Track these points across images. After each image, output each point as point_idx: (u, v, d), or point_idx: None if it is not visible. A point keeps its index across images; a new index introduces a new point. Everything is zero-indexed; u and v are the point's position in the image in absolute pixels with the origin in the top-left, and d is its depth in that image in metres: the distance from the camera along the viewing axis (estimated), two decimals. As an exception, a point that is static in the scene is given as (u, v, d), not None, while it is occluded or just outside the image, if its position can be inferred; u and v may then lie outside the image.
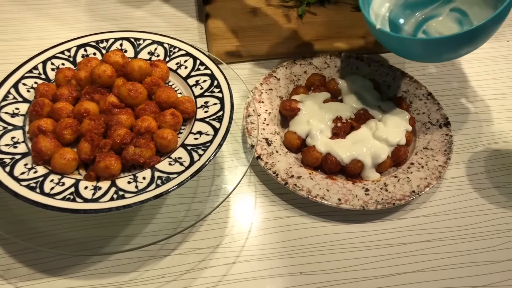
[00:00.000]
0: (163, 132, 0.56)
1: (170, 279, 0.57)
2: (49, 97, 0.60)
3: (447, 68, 0.85)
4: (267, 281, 0.57)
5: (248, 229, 0.62)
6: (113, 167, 0.53)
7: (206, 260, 0.59)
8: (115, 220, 0.61)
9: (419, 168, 0.66)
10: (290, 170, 0.64)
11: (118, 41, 0.68)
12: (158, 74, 0.63)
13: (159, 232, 0.60)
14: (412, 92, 0.76)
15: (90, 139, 0.55)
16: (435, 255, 0.61)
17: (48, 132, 0.56)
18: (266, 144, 0.67)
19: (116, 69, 0.62)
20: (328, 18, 0.89)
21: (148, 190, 0.52)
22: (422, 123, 0.72)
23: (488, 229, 0.64)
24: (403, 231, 0.63)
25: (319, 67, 0.79)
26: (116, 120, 0.57)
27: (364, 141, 0.67)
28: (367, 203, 0.62)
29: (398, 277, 0.58)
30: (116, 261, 0.58)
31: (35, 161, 0.55)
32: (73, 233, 0.59)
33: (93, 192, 0.52)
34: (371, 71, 0.79)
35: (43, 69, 0.64)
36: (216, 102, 0.61)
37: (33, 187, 0.52)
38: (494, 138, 0.75)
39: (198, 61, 0.66)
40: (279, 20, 0.88)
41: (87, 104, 0.58)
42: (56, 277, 0.56)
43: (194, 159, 0.55)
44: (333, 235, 0.62)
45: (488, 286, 0.58)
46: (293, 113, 0.70)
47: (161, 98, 0.60)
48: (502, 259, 0.61)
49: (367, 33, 0.86)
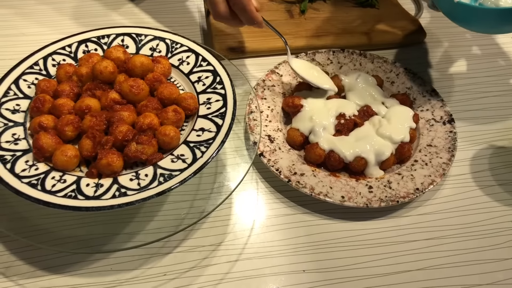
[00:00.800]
0: (165, 128, 0.56)
1: (172, 277, 0.56)
2: (50, 93, 0.60)
3: (451, 64, 0.84)
4: (270, 279, 0.57)
5: (250, 226, 0.62)
6: (115, 164, 0.53)
7: (208, 258, 0.58)
8: (117, 217, 0.60)
9: (423, 166, 0.66)
10: (293, 167, 0.64)
11: (119, 36, 0.67)
12: (160, 70, 0.62)
13: (161, 229, 0.59)
14: (416, 88, 0.75)
15: (92, 136, 0.54)
16: (439, 253, 0.60)
17: (49, 128, 0.56)
18: (268, 141, 0.67)
19: (117, 65, 0.62)
20: (331, 14, 0.88)
21: (151, 187, 0.52)
22: (426, 120, 0.72)
23: (492, 227, 0.63)
24: (406, 229, 0.62)
25: (322, 63, 0.78)
26: (118, 116, 0.56)
27: (367, 138, 0.66)
28: (370, 201, 0.61)
29: (402, 275, 0.58)
30: (118, 259, 0.57)
31: (36, 158, 0.54)
32: (74, 231, 0.59)
33: (95, 189, 0.52)
34: (375, 68, 0.78)
35: (44, 65, 0.63)
36: (219, 98, 0.60)
37: (34, 184, 0.51)
38: (498, 135, 0.74)
39: (201, 57, 0.65)
40: (281, 16, 0.88)
41: (88, 101, 0.58)
42: (57, 275, 0.56)
43: (197, 156, 0.55)
44: (337, 233, 0.61)
45: (492, 284, 0.58)
46: (296, 110, 0.70)
47: (163, 94, 0.59)
48: (506, 257, 0.61)
49: (370, 29, 0.86)
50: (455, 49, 0.88)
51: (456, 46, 0.88)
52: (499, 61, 0.86)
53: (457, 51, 0.87)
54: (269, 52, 0.82)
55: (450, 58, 0.85)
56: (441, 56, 0.86)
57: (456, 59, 0.85)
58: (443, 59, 0.85)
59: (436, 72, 0.83)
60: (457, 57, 0.86)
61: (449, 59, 0.85)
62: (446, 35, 0.90)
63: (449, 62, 0.85)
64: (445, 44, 0.88)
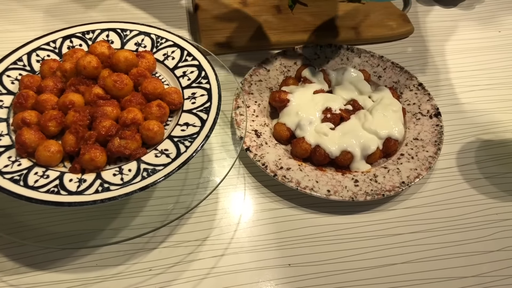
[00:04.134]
0: (149, 123, 0.56)
1: (158, 272, 0.56)
2: (33, 89, 0.59)
3: (438, 58, 0.85)
4: (256, 273, 0.57)
5: (237, 221, 0.61)
6: (98, 159, 0.52)
7: (194, 253, 0.58)
8: (102, 213, 0.60)
9: (409, 159, 0.66)
10: (279, 161, 0.64)
11: (104, 32, 0.67)
12: (144, 65, 0.62)
13: (147, 225, 0.59)
14: (403, 82, 0.75)
15: (75, 131, 0.54)
16: (425, 246, 0.60)
17: (33, 124, 0.55)
18: (255, 136, 0.66)
19: (102, 60, 0.61)
20: (319, 9, 0.88)
21: (134, 182, 0.51)
22: (412, 114, 0.72)
23: (478, 220, 0.64)
24: (392, 222, 0.63)
25: (309, 58, 0.78)
26: (101, 111, 0.56)
27: (353, 132, 0.66)
28: (356, 194, 0.61)
29: (388, 268, 0.58)
30: (103, 255, 0.57)
31: (19, 154, 0.54)
32: (59, 227, 0.59)
33: (78, 184, 0.51)
34: (362, 62, 0.78)
35: (28, 61, 0.63)
36: (204, 93, 0.60)
37: (17, 180, 0.51)
38: (485, 128, 0.74)
39: (186, 52, 0.65)
40: (269, 11, 0.87)
41: (72, 96, 0.57)
42: (42, 271, 0.55)
43: (181, 151, 0.54)
44: (322, 227, 0.61)
45: (477, 276, 0.58)
46: (282, 105, 0.70)
47: (147, 89, 0.59)
48: (492, 249, 0.61)
49: (357, 24, 0.86)
50: (442, 43, 0.88)
51: (443, 41, 0.88)
52: (485, 55, 0.86)
53: (444, 45, 0.87)
54: (257, 48, 0.82)
55: (437, 52, 0.86)
56: (429, 51, 0.86)
57: (443, 53, 0.86)
58: (430, 53, 0.86)
59: (423, 66, 0.83)
60: (444, 51, 0.86)
61: (436, 54, 0.85)
62: (434, 29, 0.90)
63: (436, 56, 0.85)
64: (432, 39, 0.88)
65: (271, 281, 0.56)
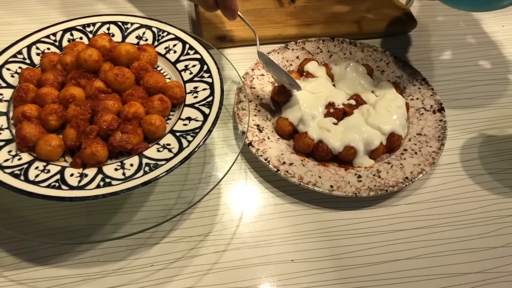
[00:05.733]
0: (151, 118, 0.55)
1: (160, 268, 0.56)
2: (33, 82, 0.58)
3: (441, 53, 0.84)
4: (258, 269, 0.56)
5: (239, 216, 0.61)
6: (99, 154, 0.52)
7: (196, 248, 0.58)
8: (104, 208, 0.60)
9: (412, 154, 0.65)
10: (281, 156, 0.63)
11: (105, 25, 0.66)
12: (146, 58, 0.61)
13: (148, 220, 0.59)
14: (406, 77, 0.75)
15: (76, 125, 0.53)
16: (428, 242, 0.60)
17: (33, 118, 0.55)
18: (257, 131, 0.66)
19: (103, 54, 0.61)
20: (321, 3, 0.87)
21: (136, 177, 0.51)
22: (416, 109, 0.71)
23: (482, 216, 0.63)
24: (396, 218, 0.62)
25: (311, 52, 0.77)
26: (103, 105, 0.55)
27: (356, 127, 0.66)
28: (359, 190, 0.61)
29: (391, 264, 0.58)
30: (104, 250, 0.57)
31: (20, 148, 0.53)
32: (60, 222, 0.58)
33: (79, 179, 0.51)
34: (365, 56, 0.77)
35: (28, 54, 0.62)
36: (206, 87, 0.59)
37: (17, 175, 0.50)
38: (488, 124, 0.74)
39: (188, 46, 0.64)
40: (271, 4, 0.86)
41: (72, 90, 0.57)
42: (43, 266, 0.55)
43: (183, 146, 0.54)
44: (325, 222, 0.61)
45: (481, 272, 0.58)
46: (285, 99, 0.69)
47: (149, 83, 0.58)
48: (496, 245, 0.60)
49: (360, 18, 0.85)
50: (446, 38, 0.87)
51: (446, 35, 0.88)
52: (489, 50, 0.85)
53: (447, 40, 0.87)
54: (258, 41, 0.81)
55: (441, 47, 0.85)
56: (432, 45, 0.85)
57: (447, 48, 0.85)
58: (433, 48, 0.85)
59: (426, 61, 0.82)
60: (447, 46, 0.85)
61: (440, 48, 0.85)
62: (437, 24, 0.89)
63: (439, 51, 0.84)
64: (435, 33, 0.88)
65: (274, 277, 0.56)
